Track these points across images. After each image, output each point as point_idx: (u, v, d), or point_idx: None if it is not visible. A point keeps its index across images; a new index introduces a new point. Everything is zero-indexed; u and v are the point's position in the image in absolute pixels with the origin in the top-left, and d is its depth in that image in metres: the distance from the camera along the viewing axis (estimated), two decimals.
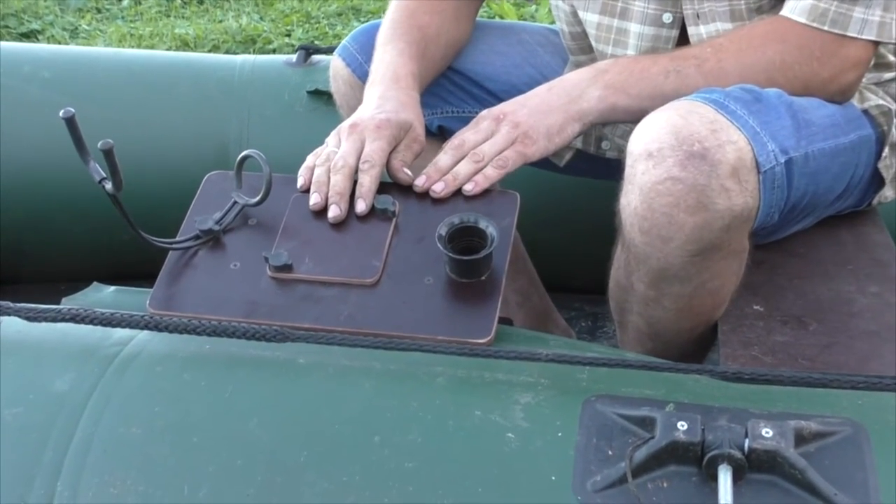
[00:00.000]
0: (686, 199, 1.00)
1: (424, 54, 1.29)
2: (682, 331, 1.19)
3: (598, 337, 1.73)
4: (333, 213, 1.11)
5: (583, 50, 1.38)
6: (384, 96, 1.20)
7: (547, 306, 1.59)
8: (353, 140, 1.14)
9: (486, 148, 1.15)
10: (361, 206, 1.11)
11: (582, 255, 1.61)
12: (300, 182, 1.15)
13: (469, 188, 1.13)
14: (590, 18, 1.30)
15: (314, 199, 1.12)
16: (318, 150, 1.18)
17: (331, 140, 1.17)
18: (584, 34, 1.34)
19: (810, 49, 1.14)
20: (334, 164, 1.13)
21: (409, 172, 1.16)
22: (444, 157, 1.16)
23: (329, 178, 1.13)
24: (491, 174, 1.14)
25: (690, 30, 1.23)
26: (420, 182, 1.14)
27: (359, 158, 1.13)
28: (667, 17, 1.24)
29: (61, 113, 0.96)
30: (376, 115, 1.16)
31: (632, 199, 1.04)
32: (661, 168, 1.00)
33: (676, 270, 1.08)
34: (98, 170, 1.00)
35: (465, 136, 1.17)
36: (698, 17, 1.22)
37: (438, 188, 1.13)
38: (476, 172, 1.14)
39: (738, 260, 1.13)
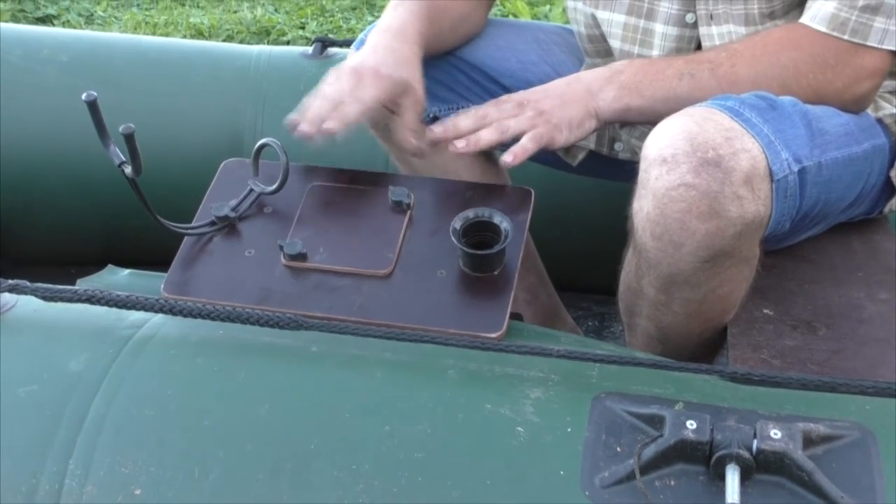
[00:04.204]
0: (699, 206, 1.00)
1: (433, 19, 1.29)
2: (692, 335, 1.20)
3: (604, 337, 1.73)
4: (302, 127, 1.12)
5: (599, 53, 1.38)
6: (389, 47, 1.20)
7: (555, 305, 1.60)
8: (351, 82, 1.15)
9: (512, 123, 1.16)
10: (331, 124, 1.12)
11: (591, 254, 1.62)
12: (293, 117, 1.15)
13: (508, 159, 1.13)
14: (616, 19, 1.30)
15: (291, 116, 1.13)
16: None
17: (329, 78, 1.18)
18: (603, 37, 1.35)
19: (824, 58, 1.15)
20: (323, 94, 1.14)
21: (415, 142, 1.17)
22: (466, 120, 1.16)
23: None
24: (528, 146, 1.14)
25: (702, 30, 1.24)
26: (438, 129, 1.15)
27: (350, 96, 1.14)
28: (689, 18, 1.24)
29: (84, 96, 0.96)
30: (379, 67, 1.17)
31: (644, 203, 1.04)
32: (674, 174, 1.01)
33: (687, 276, 1.08)
34: (118, 153, 1.01)
35: (488, 109, 1.18)
36: (711, 17, 1.23)
37: (460, 144, 1.14)
38: (497, 143, 1.15)
39: (748, 266, 1.13)
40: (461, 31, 1.39)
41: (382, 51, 1.20)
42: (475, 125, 1.17)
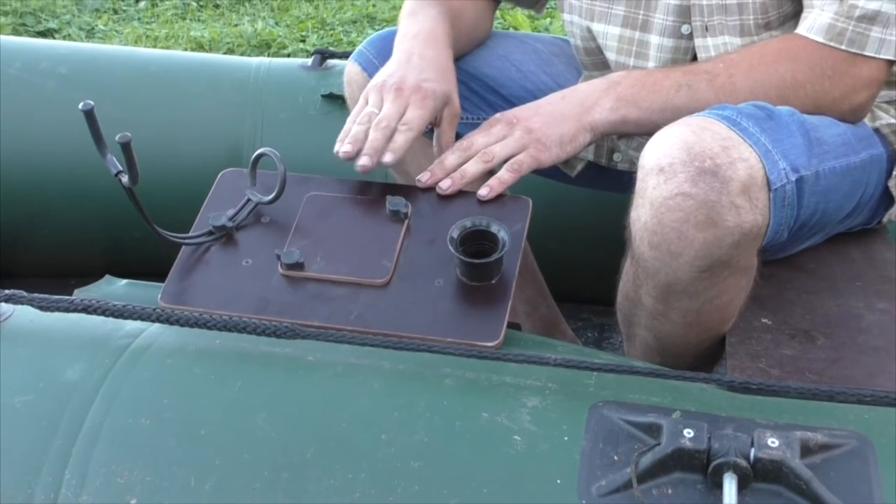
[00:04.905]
0: (696, 215, 1.00)
1: (454, 22, 1.30)
2: (690, 345, 1.20)
3: (604, 348, 1.73)
4: (363, 161, 1.12)
5: (595, 66, 1.38)
6: (424, 56, 1.20)
7: (555, 316, 1.60)
8: (398, 105, 1.15)
9: (497, 149, 1.16)
10: (388, 157, 1.13)
11: (590, 265, 1.62)
12: (338, 146, 1.14)
13: (484, 193, 1.13)
14: (611, 31, 1.31)
15: (346, 148, 1.13)
16: (356, 111, 1.18)
17: (372, 98, 1.18)
18: (599, 49, 1.35)
19: (822, 68, 1.15)
20: (376, 122, 1.14)
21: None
22: (450, 156, 1.16)
23: (366, 135, 1.14)
24: (506, 178, 1.14)
25: (698, 41, 1.24)
26: (424, 178, 1.15)
27: (399, 121, 1.14)
28: (685, 29, 1.25)
29: (80, 105, 0.96)
30: (422, 84, 1.17)
31: (642, 213, 1.05)
32: (672, 183, 1.01)
33: (685, 285, 1.08)
34: (115, 163, 1.01)
35: (475, 138, 1.17)
36: (706, 29, 1.23)
37: (445, 185, 1.14)
38: (483, 172, 1.15)
39: (746, 276, 1.13)
40: (474, 35, 1.39)
41: (419, 61, 1.20)
42: (461, 159, 1.16)
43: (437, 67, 1.20)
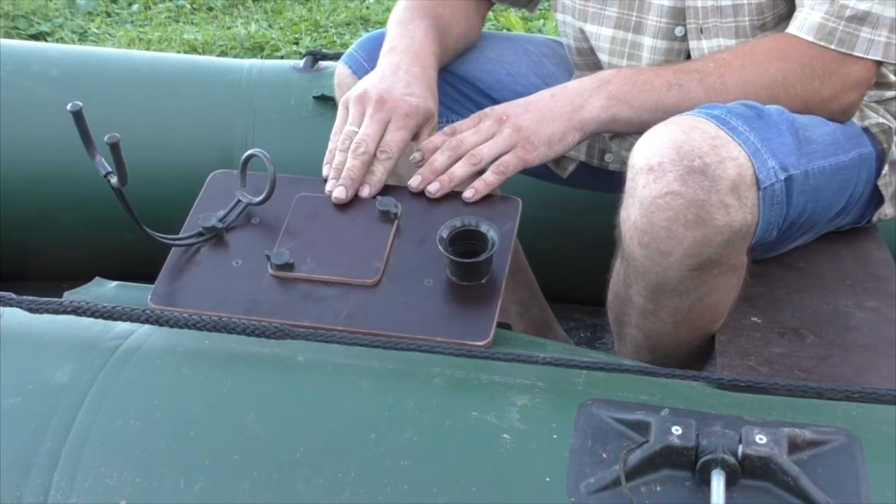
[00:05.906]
0: (686, 214, 1.01)
1: (441, 39, 1.30)
2: (680, 343, 1.20)
3: (596, 348, 1.73)
4: (339, 193, 1.12)
5: (588, 66, 1.38)
6: (411, 72, 1.20)
7: (546, 317, 1.60)
8: (378, 121, 1.15)
9: (486, 150, 1.15)
10: (366, 192, 1.13)
11: (582, 266, 1.62)
12: (326, 170, 1.16)
13: (469, 195, 1.13)
14: (603, 33, 1.30)
15: (330, 186, 1.14)
16: (338, 125, 1.18)
17: (353, 110, 1.17)
18: (591, 51, 1.35)
19: (812, 67, 1.15)
20: (354, 148, 1.14)
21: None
22: (440, 157, 1.16)
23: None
24: (491, 180, 1.14)
25: (692, 44, 1.24)
26: (415, 183, 1.15)
27: (379, 144, 1.14)
28: (679, 31, 1.25)
29: (69, 106, 0.96)
30: (407, 98, 1.16)
31: (632, 212, 1.05)
32: (661, 182, 1.01)
33: (675, 284, 1.08)
34: (104, 164, 1.01)
35: (464, 136, 1.17)
36: (701, 31, 1.23)
37: (433, 188, 1.14)
38: (472, 174, 1.15)
39: (736, 275, 1.13)
40: (460, 48, 1.39)
41: (405, 76, 1.20)
42: (450, 160, 1.16)
43: (424, 85, 1.20)
